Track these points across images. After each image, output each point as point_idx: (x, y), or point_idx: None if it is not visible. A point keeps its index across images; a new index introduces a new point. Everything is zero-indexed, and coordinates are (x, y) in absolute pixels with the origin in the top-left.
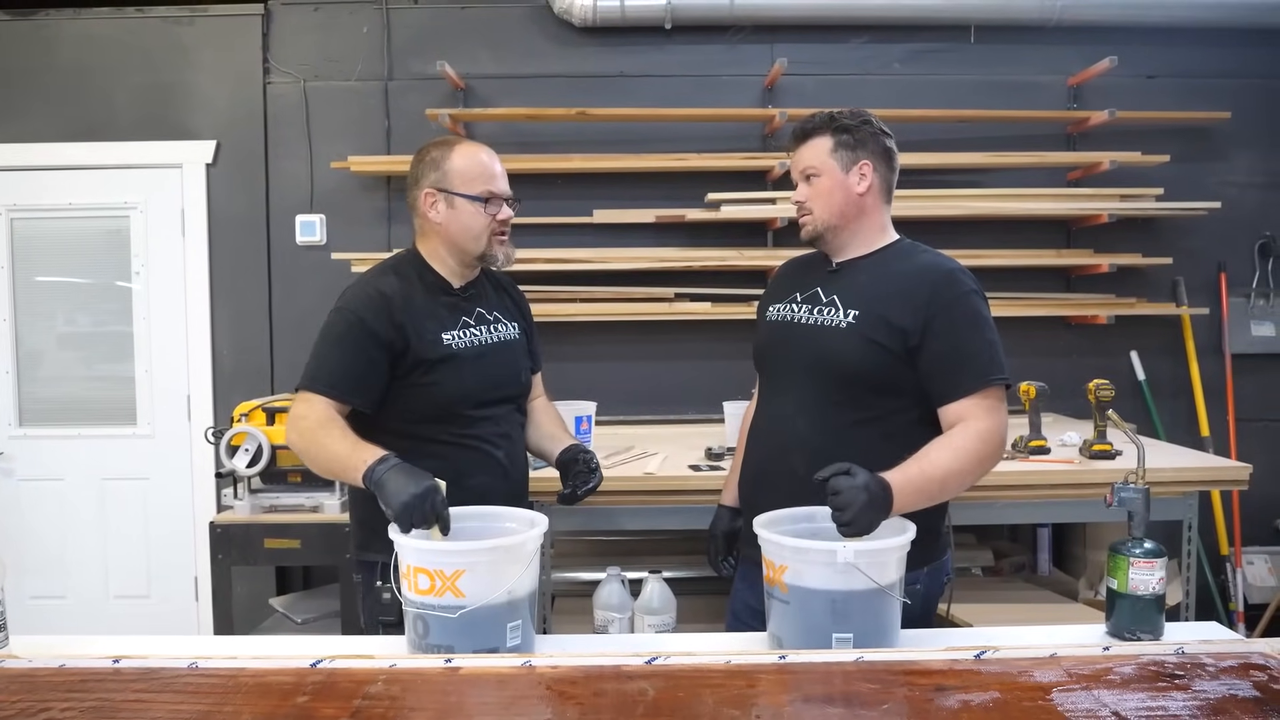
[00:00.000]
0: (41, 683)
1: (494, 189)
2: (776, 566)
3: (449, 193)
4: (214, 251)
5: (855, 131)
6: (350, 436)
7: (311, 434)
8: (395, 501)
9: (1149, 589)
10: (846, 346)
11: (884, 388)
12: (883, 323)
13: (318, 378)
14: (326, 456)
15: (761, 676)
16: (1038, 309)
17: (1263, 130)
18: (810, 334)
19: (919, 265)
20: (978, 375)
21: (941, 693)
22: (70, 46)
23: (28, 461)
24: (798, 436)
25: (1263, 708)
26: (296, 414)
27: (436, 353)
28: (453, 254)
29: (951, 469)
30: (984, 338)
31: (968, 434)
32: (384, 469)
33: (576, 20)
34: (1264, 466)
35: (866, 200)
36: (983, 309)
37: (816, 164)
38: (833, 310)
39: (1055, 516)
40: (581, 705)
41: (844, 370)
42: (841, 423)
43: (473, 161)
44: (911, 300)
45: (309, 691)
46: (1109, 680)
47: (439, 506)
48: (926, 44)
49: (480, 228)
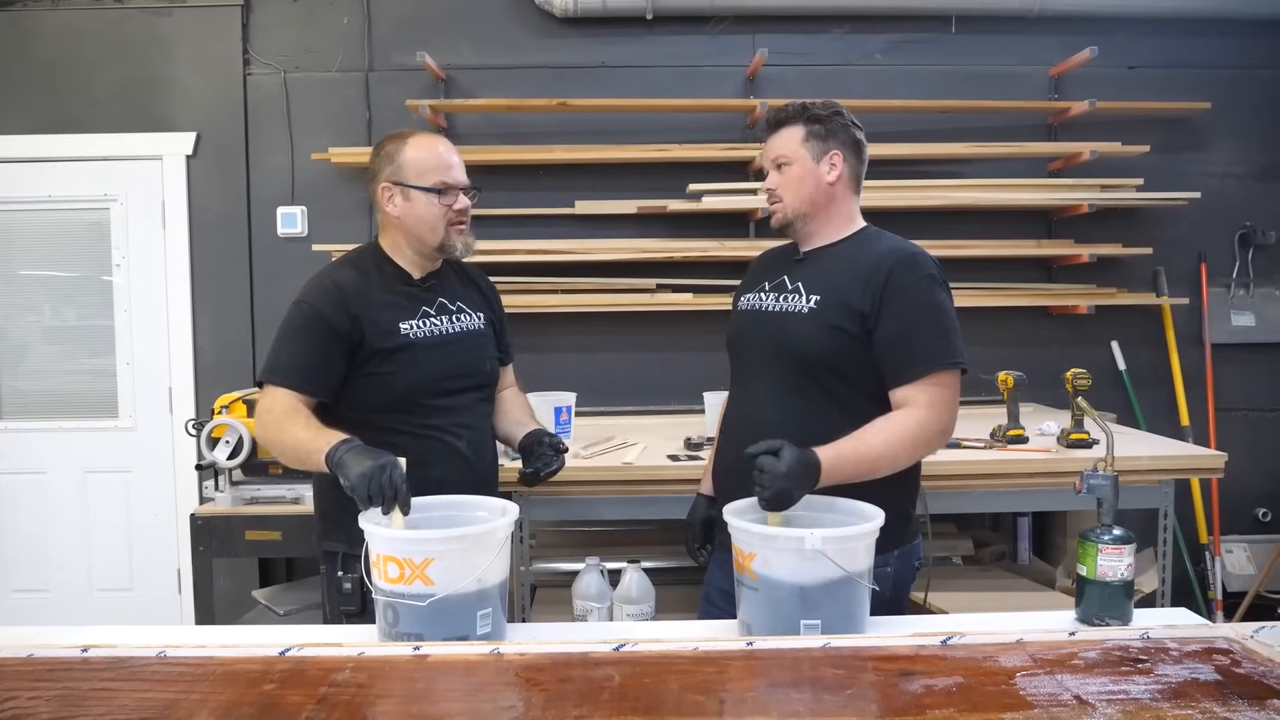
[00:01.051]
0: (8, 672)
1: (448, 179)
2: (746, 554)
3: (404, 185)
4: (195, 244)
5: (827, 122)
6: (314, 424)
7: (277, 425)
8: (353, 473)
9: (1117, 575)
10: (808, 331)
11: (846, 371)
12: (843, 307)
13: (277, 370)
14: (292, 445)
15: (729, 663)
16: (1019, 299)
17: (1242, 120)
18: (775, 321)
19: (881, 250)
20: (925, 361)
21: (906, 677)
22: (49, 38)
23: (9, 454)
24: (766, 423)
25: (1223, 691)
26: (262, 408)
27: (393, 342)
28: (411, 245)
29: (884, 454)
30: (936, 323)
31: (907, 421)
32: (344, 449)
33: (557, 11)
34: (1243, 456)
35: (836, 189)
36: (938, 295)
37: (788, 153)
38: (797, 296)
39: (1032, 505)
40: (547, 692)
41: (806, 355)
42: (807, 407)
43: (426, 153)
44: (870, 283)
45: (276, 679)
46: (1073, 665)
47: (397, 480)
48: (907, 34)
49: (435, 218)
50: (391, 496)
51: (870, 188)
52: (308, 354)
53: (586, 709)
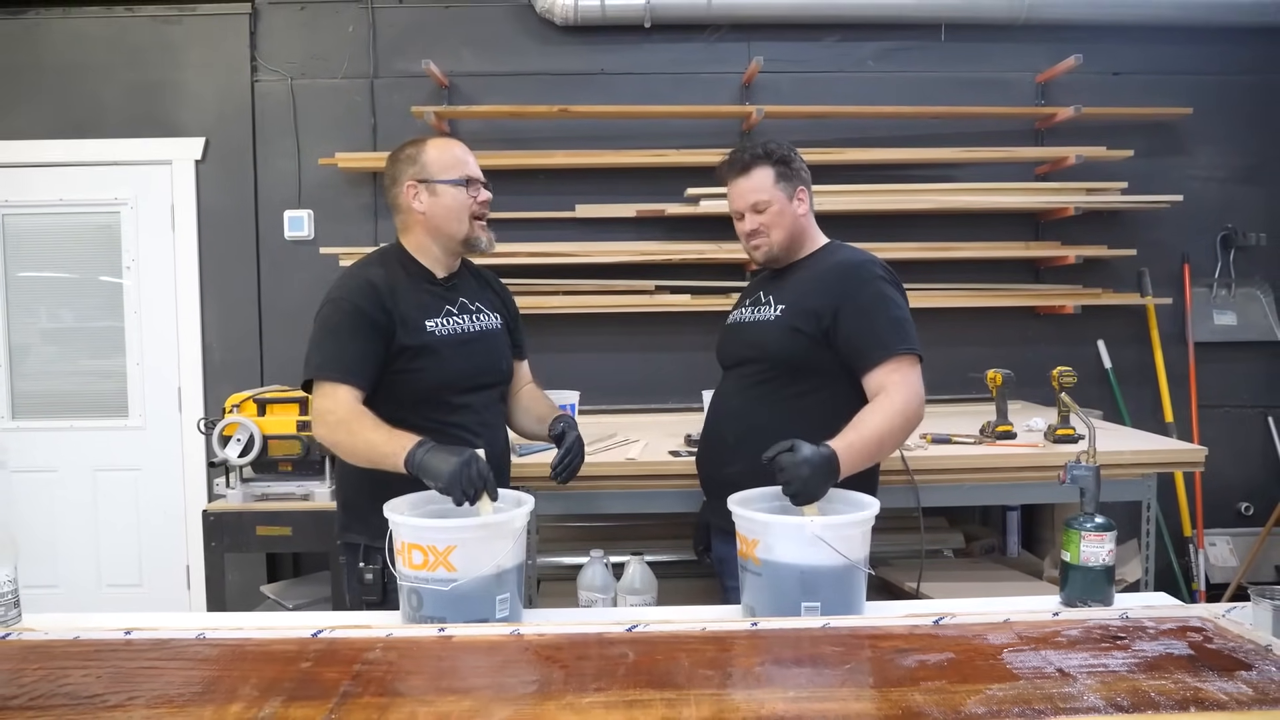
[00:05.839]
0: (57, 652)
1: (470, 173)
2: (749, 541)
3: (430, 181)
4: (204, 246)
5: (790, 163)
6: (382, 426)
7: (346, 426)
8: (444, 474)
9: (1099, 560)
10: (772, 334)
11: (803, 367)
12: (802, 312)
13: (330, 366)
14: (365, 448)
15: (735, 641)
16: (1007, 299)
17: (1224, 125)
18: (749, 329)
19: (836, 260)
20: (886, 347)
21: (901, 654)
22: (60, 45)
23: (21, 453)
24: (729, 409)
25: (1195, 664)
26: (322, 409)
27: (420, 339)
28: (437, 241)
29: (884, 430)
30: (889, 315)
31: (893, 399)
32: (423, 452)
33: (558, 19)
34: (1225, 451)
35: (803, 219)
36: (888, 291)
37: (766, 196)
38: (767, 307)
39: (1019, 498)
40: (566, 669)
41: (768, 353)
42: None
43: (447, 151)
44: (827, 288)
45: (311, 658)
46: (1056, 642)
47: (484, 470)
48: (898, 42)
49: (461, 209)
50: (481, 487)
51: (861, 192)
52: (354, 347)
53: (604, 682)
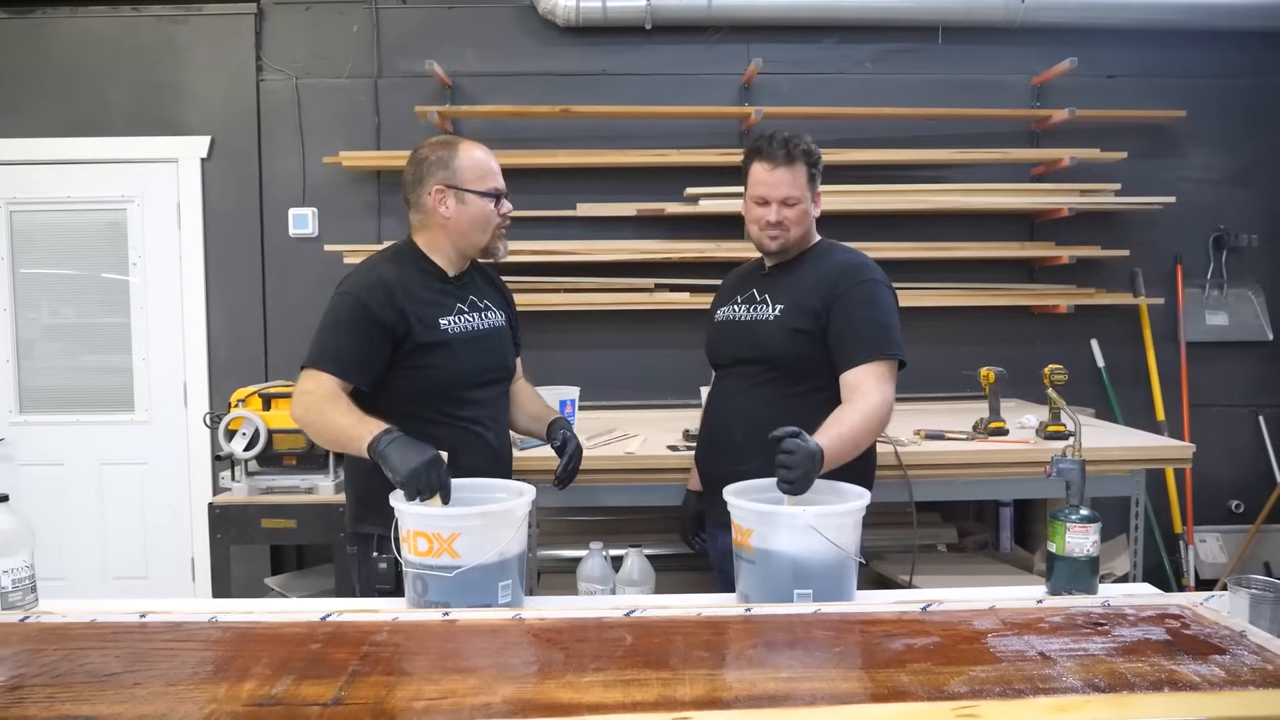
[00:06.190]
0: (75, 634)
1: (500, 187)
2: (744, 530)
3: (460, 189)
4: (209, 244)
5: (819, 166)
6: (354, 411)
7: (317, 408)
8: (403, 469)
9: (1084, 551)
10: (773, 334)
11: (805, 367)
12: (802, 312)
13: (323, 356)
14: (332, 429)
15: (729, 625)
16: (1002, 299)
17: (1217, 128)
18: (747, 328)
19: (833, 261)
20: (869, 349)
21: (889, 638)
22: (67, 44)
23: (28, 447)
24: (736, 408)
25: (1171, 649)
26: (302, 389)
27: (434, 336)
28: (456, 245)
29: (860, 432)
30: (877, 319)
31: (870, 400)
32: (387, 440)
33: (560, 20)
34: (1216, 449)
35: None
36: (880, 294)
37: (797, 193)
38: (764, 306)
39: (1010, 493)
40: (566, 650)
41: (772, 355)
42: (770, 396)
43: (478, 161)
44: (823, 288)
45: (321, 640)
46: (1039, 628)
47: (442, 476)
48: (896, 44)
49: (487, 220)
50: (435, 491)
51: (860, 192)
52: (352, 344)
53: (603, 663)
